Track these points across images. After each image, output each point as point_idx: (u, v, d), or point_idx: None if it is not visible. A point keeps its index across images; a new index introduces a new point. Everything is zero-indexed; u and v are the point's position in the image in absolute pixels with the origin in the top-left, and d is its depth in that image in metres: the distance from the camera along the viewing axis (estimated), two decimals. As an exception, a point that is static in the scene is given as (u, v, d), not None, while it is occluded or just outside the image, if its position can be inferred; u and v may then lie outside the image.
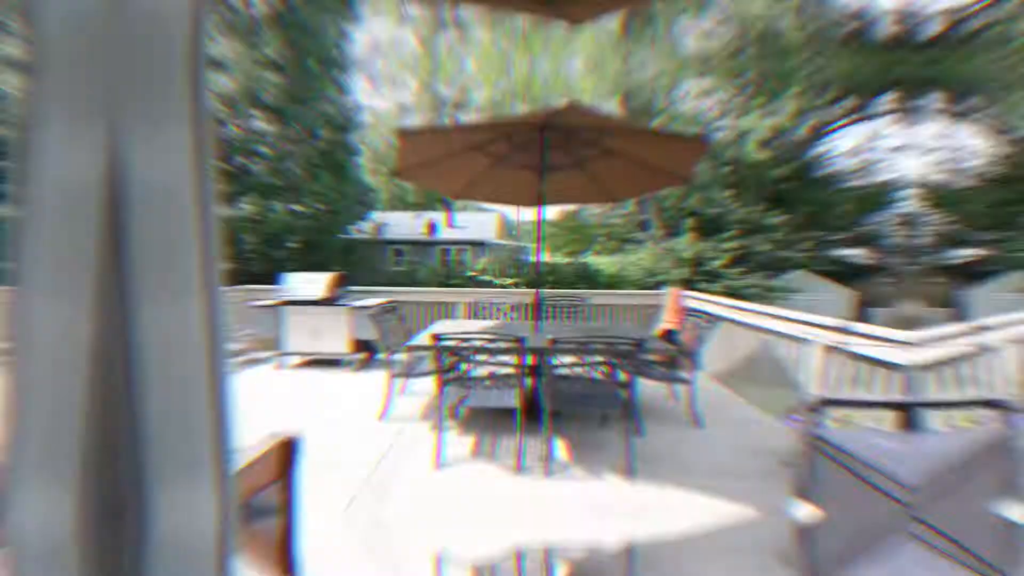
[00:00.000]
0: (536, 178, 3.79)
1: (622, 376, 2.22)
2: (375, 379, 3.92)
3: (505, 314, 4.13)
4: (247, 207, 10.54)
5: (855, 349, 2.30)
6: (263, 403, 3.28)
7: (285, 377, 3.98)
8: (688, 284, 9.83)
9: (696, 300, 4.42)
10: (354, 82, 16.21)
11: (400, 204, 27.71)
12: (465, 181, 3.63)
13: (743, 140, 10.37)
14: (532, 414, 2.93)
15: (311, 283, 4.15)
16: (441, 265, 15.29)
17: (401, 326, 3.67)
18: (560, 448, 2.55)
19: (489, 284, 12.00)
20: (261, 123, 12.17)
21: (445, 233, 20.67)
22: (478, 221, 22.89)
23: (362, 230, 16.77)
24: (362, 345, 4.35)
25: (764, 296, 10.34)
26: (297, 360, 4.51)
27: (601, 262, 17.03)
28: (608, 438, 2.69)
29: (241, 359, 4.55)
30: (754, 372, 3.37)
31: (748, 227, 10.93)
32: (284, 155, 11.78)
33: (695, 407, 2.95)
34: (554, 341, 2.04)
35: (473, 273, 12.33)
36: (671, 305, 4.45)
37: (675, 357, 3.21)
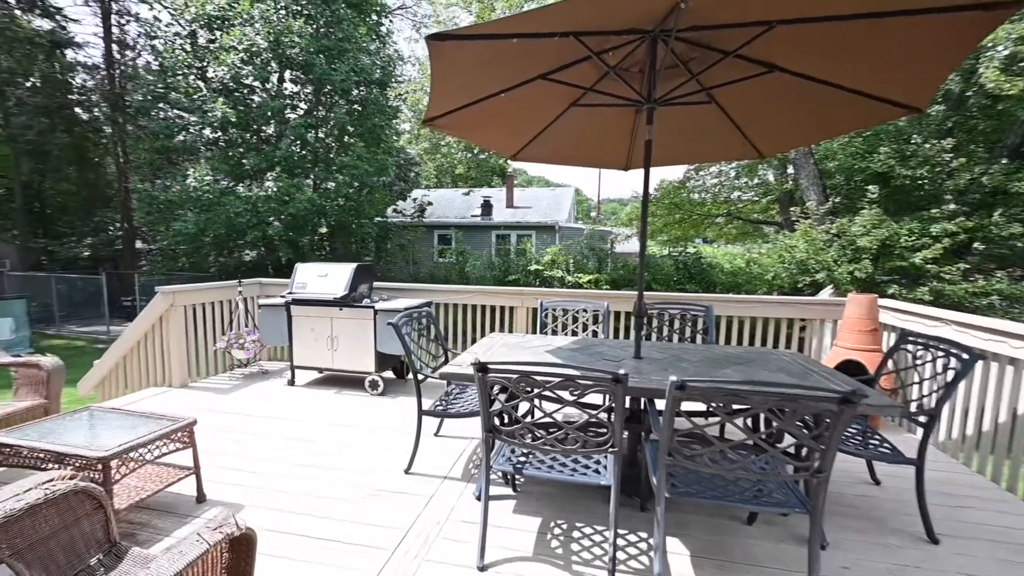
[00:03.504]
0: (637, 123, 3.24)
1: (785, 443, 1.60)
2: (404, 408, 3.74)
3: (585, 327, 3.64)
4: (271, 185, 11.48)
5: None
6: (259, 435, 3.24)
7: (295, 398, 3.98)
8: (870, 286, 8.24)
9: (910, 316, 3.44)
10: (394, 26, 16.91)
11: (448, 179, 28.50)
12: (528, 130, 3.21)
13: (976, 58, 8.34)
14: (631, 491, 2.42)
15: (326, 277, 4.11)
16: (497, 255, 15.20)
17: (437, 338, 3.40)
18: (679, 556, 2.00)
19: (560, 282, 11.50)
20: (288, 84, 13.20)
21: (504, 214, 20.64)
22: (546, 199, 22.50)
23: (402, 211, 17.46)
24: (389, 361, 4.21)
25: (1005, 309, 8.22)
26: (314, 375, 4.54)
27: (719, 253, 15.44)
28: (764, 549, 2.06)
29: (247, 371, 4.74)
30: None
31: (978, 198, 8.78)
32: (314, 122, 12.61)
33: (925, 506, 2.16)
34: (682, 387, 1.50)
35: (538, 267, 11.94)
36: (855, 322, 3.52)
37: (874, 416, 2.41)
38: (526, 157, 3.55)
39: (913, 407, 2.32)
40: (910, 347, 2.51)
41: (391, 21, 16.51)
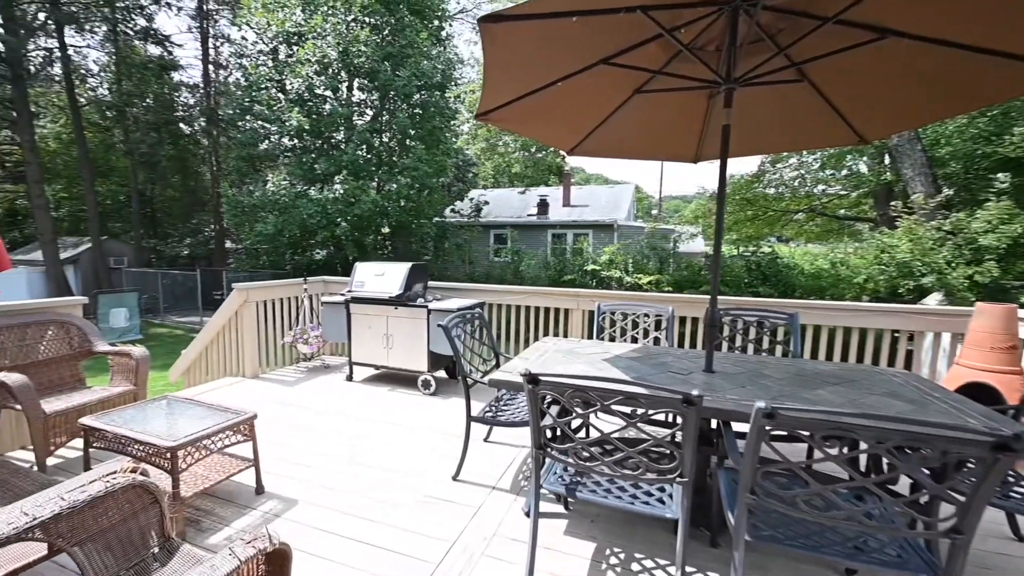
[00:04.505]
0: (711, 109, 2.91)
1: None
2: (455, 410, 3.69)
3: (646, 333, 3.36)
4: (339, 187, 12.14)
5: None
6: (317, 430, 3.33)
7: (352, 394, 4.08)
8: (994, 293, 7.03)
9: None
10: (453, 30, 17.20)
11: (505, 179, 28.67)
12: (588, 122, 3.00)
13: None
14: (700, 521, 2.13)
15: (383, 276, 4.17)
16: (553, 255, 14.98)
17: (489, 341, 3.29)
18: (757, 607, 1.72)
19: (618, 282, 11.06)
20: (356, 91, 13.89)
21: (560, 213, 20.34)
22: (604, 196, 21.87)
23: (459, 211, 17.77)
24: (442, 361, 4.19)
25: None
26: (371, 371, 4.65)
27: (797, 253, 14.05)
28: (867, 609, 1.72)
29: (311, 365, 4.95)
30: None
31: None
32: (378, 127, 13.15)
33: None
34: (772, 414, 1.25)
35: (595, 267, 11.57)
36: (985, 336, 2.93)
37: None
38: (585, 151, 3.33)
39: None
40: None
41: (451, 25, 16.83)
